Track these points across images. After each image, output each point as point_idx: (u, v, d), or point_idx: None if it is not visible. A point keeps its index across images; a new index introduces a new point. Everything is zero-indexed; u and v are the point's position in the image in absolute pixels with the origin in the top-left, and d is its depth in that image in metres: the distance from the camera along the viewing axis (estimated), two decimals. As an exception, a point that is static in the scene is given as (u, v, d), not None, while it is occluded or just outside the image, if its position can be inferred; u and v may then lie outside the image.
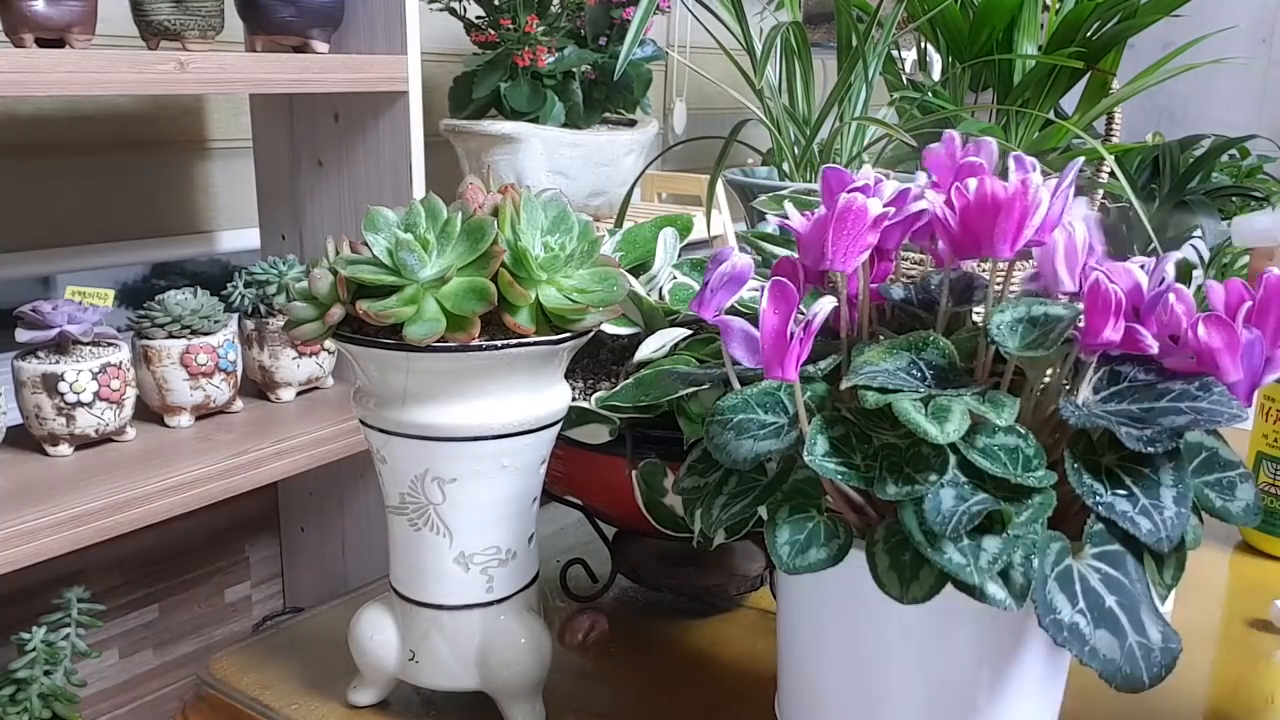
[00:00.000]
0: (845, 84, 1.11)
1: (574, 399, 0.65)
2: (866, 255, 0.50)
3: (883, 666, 0.50)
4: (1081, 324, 0.47)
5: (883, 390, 0.46)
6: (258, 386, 1.24)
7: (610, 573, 0.78)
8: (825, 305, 0.47)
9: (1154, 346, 0.46)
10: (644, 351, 0.68)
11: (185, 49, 1.07)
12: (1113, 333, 0.45)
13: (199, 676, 0.70)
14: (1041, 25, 1.43)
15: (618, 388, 0.66)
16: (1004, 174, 0.50)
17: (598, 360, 0.75)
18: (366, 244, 0.58)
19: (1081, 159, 0.55)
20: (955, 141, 0.56)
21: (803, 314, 0.47)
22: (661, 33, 2.02)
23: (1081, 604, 0.44)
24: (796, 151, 1.12)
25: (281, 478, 1.13)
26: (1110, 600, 0.44)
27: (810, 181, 1.10)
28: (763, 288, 0.47)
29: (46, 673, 0.92)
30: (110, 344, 1.06)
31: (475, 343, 0.55)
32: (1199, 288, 0.52)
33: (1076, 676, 0.52)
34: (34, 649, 0.91)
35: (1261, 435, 0.86)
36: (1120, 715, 0.65)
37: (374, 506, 1.40)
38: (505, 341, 0.56)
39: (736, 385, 0.52)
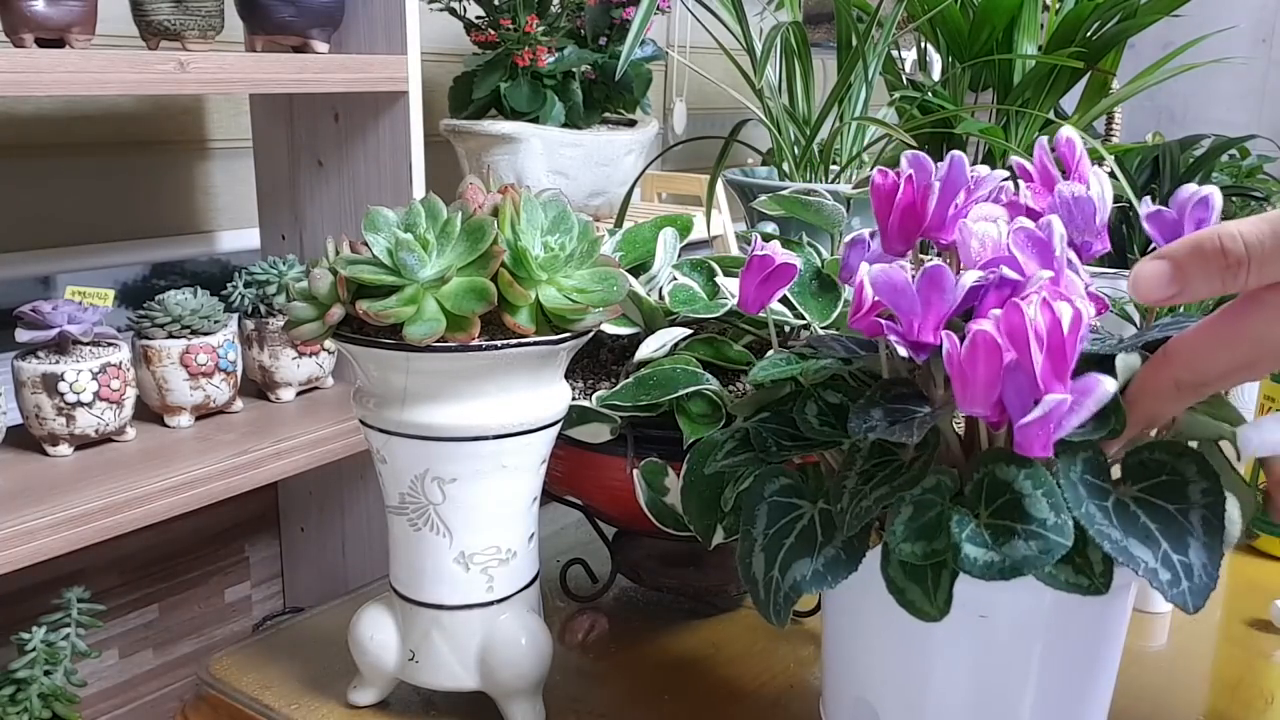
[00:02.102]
0: (845, 84, 1.11)
1: (574, 399, 0.65)
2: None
3: (928, 649, 0.50)
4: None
5: None
6: (258, 386, 1.24)
7: (610, 573, 0.78)
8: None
9: None
10: (644, 351, 0.68)
11: (185, 49, 1.07)
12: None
13: (199, 676, 0.70)
14: (1041, 25, 1.43)
15: (618, 387, 0.66)
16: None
17: (598, 360, 0.75)
18: (366, 244, 0.58)
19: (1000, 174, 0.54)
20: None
21: None
22: (661, 33, 2.02)
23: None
24: (796, 151, 1.12)
25: (281, 478, 1.13)
26: None
27: (810, 181, 1.10)
28: None
29: (46, 673, 0.92)
30: (110, 344, 1.06)
31: (475, 343, 0.55)
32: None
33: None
34: (34, 649, 0.91)
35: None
36: (1120, 714, 0.65)
37: (374, 506, 1.40)
38: (505, 341, 0.56)
39: None
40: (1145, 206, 0.51)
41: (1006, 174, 0.53)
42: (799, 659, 0.72)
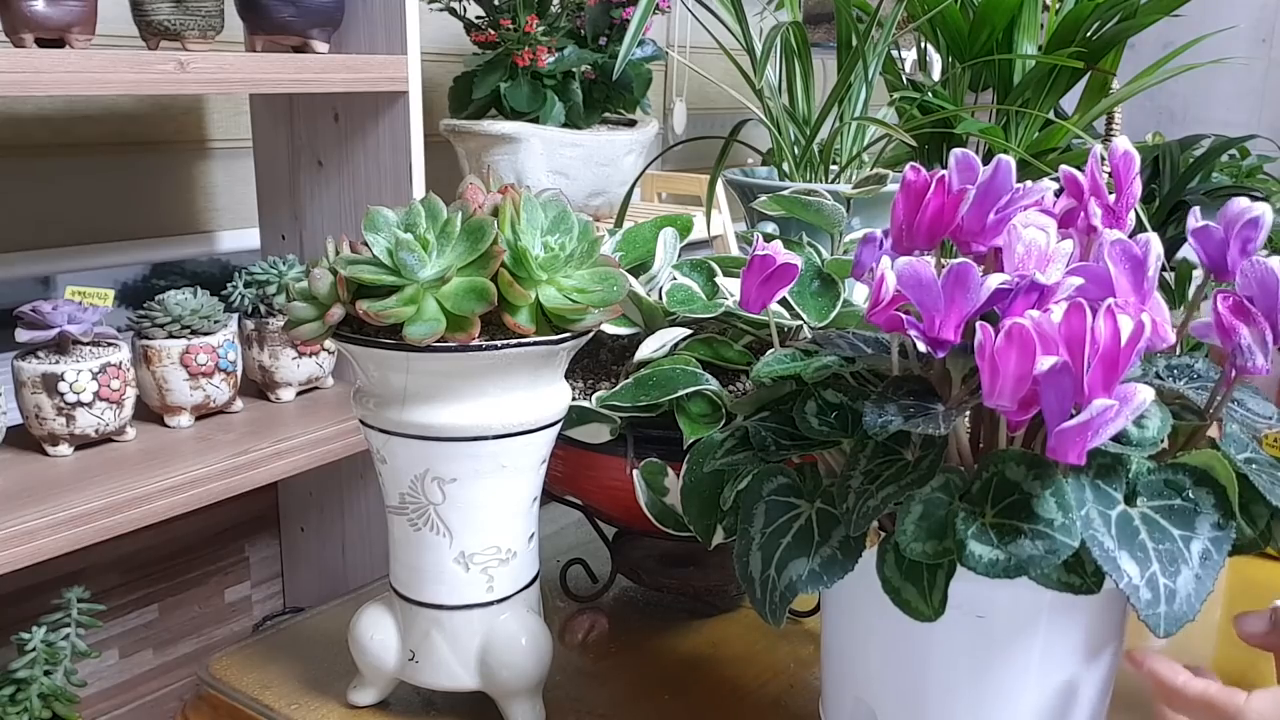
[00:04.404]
0: (845, 84, 1.11)
1: (574, 399, 0.65)
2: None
3: (926, 653, 0.50)
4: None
5: None
6: (258, 386, 1.24)
7: (610, 573, 0.78)
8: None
9: None
10: (644, 351, 0.68)
11: (185, 49, 1.07)
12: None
13: (199, 676, 0.70)
14: (1041, 25, 1.43)
15: (618, 387, 0.66)
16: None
17: (598, 360, 0.75)
18: (366, 244, 0.58)
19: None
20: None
21: None
22: (661, 33, 2.02)
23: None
24: (796, 151, 1.11)
25: (281, 478, 1.13)
26: None
27: (810, 181, 1.10)
28: None
29: (46, 673, 0.92)
30: (110, 344, 1.06)
31: (475, 343, 0.55)
32: (1199, 289, 0.52)
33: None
34: (34, 649, 0.91)
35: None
36: (1119, 714, 0.65)
37: (374, 506, 1.40)
38: (505, 341, 0.56)
39: None
40: (1193, 219, 0.50)
41: (1056, 185, 0.53)
42: (799, 659, 0.72)
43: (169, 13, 1.06)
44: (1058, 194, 0.53)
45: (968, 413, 0.49)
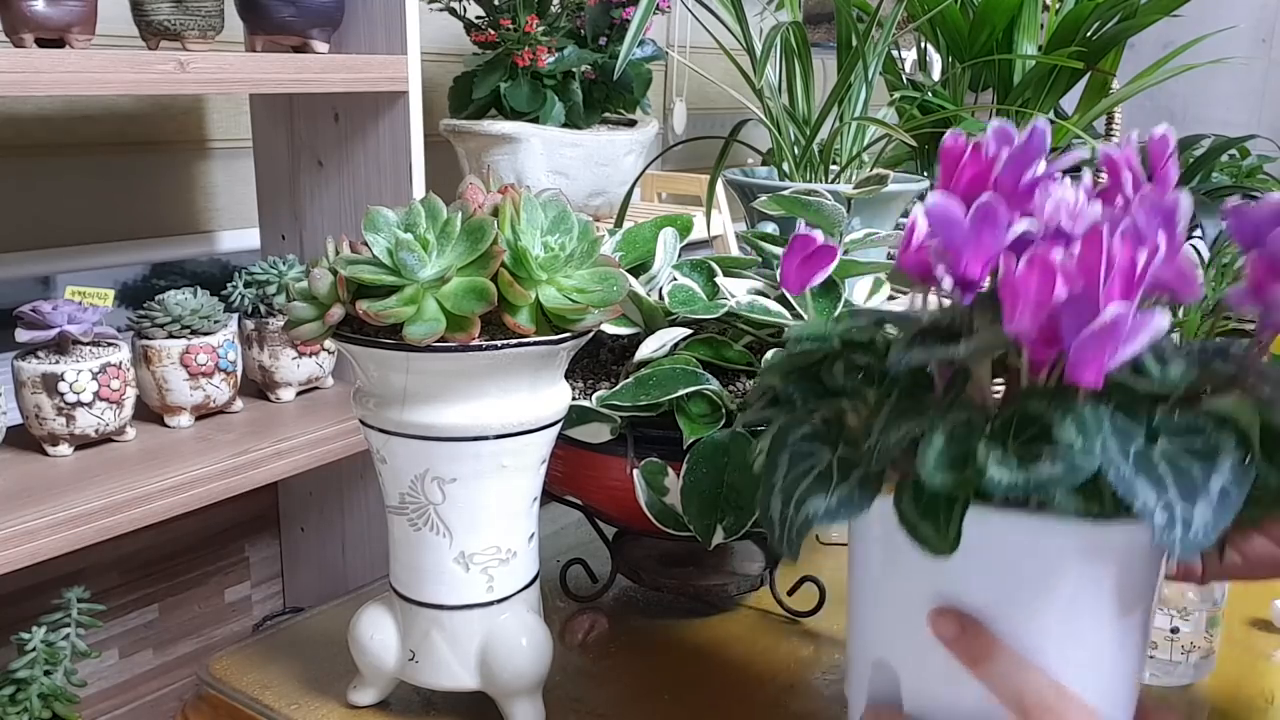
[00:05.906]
0: (845, 84, 1.11)
1: (574, 399, 0.65)
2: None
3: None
4: None
5: None
6: (258, 386, 1.24)
7: (610, 573, 0.78)
8: None
9: None
10: (644, 351, 0.68)
11: (185, 49, 1.07)
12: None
13: (199, 676, 0.70)
14: (1041, 25, 1.43)
15: (618, 387, 0.66)
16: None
17: (598, 360, 0.75)
18: (366, 244, 0.58)
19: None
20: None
21: None
22: (661, 33, 2.02)
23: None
24: (796, 151, 1.11)
25: (281, 478, 1.13)
26: None
27: (810, 181, 1.10)
28: None
29: (46, 673, 0.92)
30: (110, 344, 1.06)
31: (475, 343, 0.55)
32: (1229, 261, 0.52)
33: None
34: (34, 649, 0.91)
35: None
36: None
37: (374, 506, 1.40)
38: (505, 341, 0.56)
39: None
40: (1229, 202, 0.51)
41: (1086, 154, 0.53)
42: (799, 659, 0.72)
43: (169, 13, 1.06)
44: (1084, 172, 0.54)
45: (989, 363, 0.50)
